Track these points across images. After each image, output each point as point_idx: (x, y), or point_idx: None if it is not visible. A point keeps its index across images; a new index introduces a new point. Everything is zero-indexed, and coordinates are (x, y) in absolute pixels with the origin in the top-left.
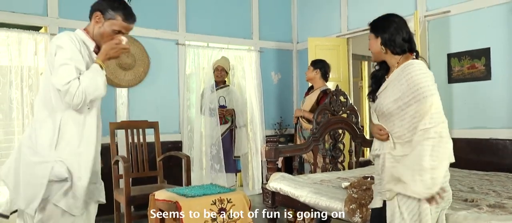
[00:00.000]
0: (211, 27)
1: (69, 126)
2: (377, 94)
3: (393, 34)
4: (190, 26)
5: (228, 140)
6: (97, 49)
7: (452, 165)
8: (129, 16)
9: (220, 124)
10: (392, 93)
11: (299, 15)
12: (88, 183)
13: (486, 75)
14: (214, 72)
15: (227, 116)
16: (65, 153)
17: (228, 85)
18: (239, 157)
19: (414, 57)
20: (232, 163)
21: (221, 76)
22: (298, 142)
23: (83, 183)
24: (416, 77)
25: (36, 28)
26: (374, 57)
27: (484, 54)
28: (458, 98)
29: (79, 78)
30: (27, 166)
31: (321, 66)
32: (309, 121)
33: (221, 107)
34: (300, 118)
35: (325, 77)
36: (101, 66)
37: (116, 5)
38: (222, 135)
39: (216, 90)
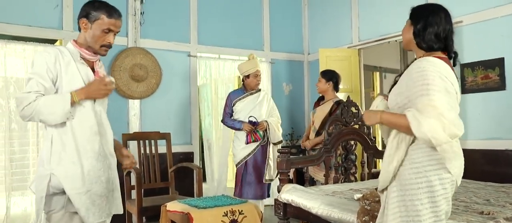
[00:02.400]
0: (222, 39)
1: (57, 138)
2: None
3: (426, 27)
4: (201, 38)
5: (261, 159)
6: (90, 53)
7: (467, 177)
8: (112, 12)
9: (249, 142)
10: (397, 88)
11: (310, 27)
12: (84, 192)
13: (500, 85)
14: (246, 78)
15: (260, 130)
16: (55, 164)
17: (259, 89)
18: (271, 180)
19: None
20: (264, 189)
21: (260, 82)
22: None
23: (73, 191)
24: (416, 74)
25: (52, 41)
26: (404, 44)
27: (498, 64)
28: (472, 109)
29: (41, 95)
30: (36, 178)
31: (334, 78)
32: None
33: (252, 123)
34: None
35: (336, 88)
36: (74, 99)
37: (97, 5)
38: (249, 154)
39: (245, 97)
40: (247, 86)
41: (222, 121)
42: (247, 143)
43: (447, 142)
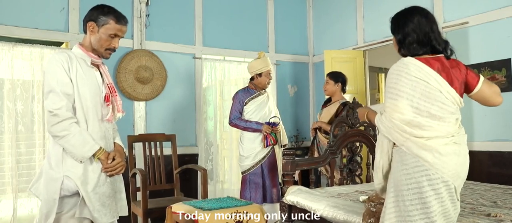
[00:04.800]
0: (227, 41)
1: None
2: None
3: (406, 36)
4: (206, 40)
5: (273, 162)
6: (96, 57)
7: (473, 179)
8: (120, 18)
9: (266, 145)
10: None
11: (315, 28)
12: (95, 193)
13: (507, 86)
14: (258, 77)
15: (276, 134)
16: (69, 166)
17: (265, 91)
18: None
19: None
20: (277, 192)
21: (270, 82)
22: (315, 156)
23: (87, 194)
24: (388, 76)
25: (58, 44)
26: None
27: (504, 65)
28: (479, 110)
29: (75, 119)
30: (45, 181)
31: (342, 80)
32: (326, 133)
33: (271, 124)
34: (318, 131)
35: (344, 89)
36: (98, 153)
37: (106, 10)
38: (265, 157)
39: (257, 96)
40: (258, 85)
41: (230, 122)
42: (267, 145)
43: (405, 140)
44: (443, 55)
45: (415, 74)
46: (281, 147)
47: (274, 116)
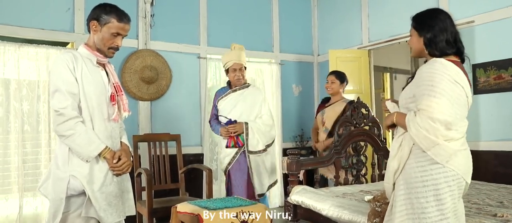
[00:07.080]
0: (232, 41)
1: None
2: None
3: (436, 35)
4: (211, 40)
5: (244, 168)
6: (102, 56)
7: (479, 178)
8: (122, 16)
9: (228, 146)
10: (409, 88)
11: (319, 27)
12: (102, 193)
13: None
14: (227, 73)
15: (241, 135)
16: (75, 166)
17: (248, 85)
18: (263, 195)
19: (458, 60)
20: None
21: (242, 78)
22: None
23: (94, 193)
24: (425, 74)
25: (63, 44)
26: (414, 54)
27: (511, 64)
28: (485, 110)
29: (80, 118)
30: (53, 181)
31: (345, 80)
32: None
33: (229, 123)
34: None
35: (343, 89)
36: (104, 152)
37: (108, 9)
38: (230, 163)
39: (227, 95)
40: (231, 82)
41: (209, 122)
42: (227, 147)
43: (433, 146)
44: (460, 59)
45: (455, 78)
46: (250, 153)
47: (225, 116)
